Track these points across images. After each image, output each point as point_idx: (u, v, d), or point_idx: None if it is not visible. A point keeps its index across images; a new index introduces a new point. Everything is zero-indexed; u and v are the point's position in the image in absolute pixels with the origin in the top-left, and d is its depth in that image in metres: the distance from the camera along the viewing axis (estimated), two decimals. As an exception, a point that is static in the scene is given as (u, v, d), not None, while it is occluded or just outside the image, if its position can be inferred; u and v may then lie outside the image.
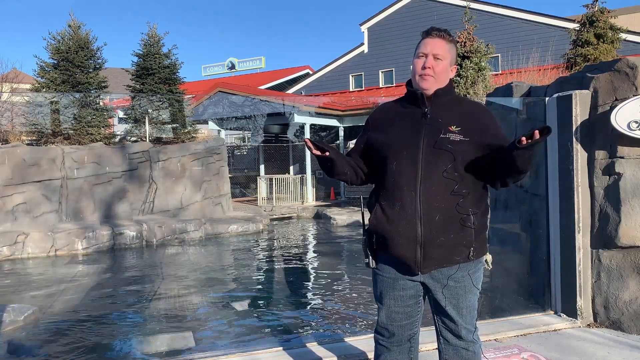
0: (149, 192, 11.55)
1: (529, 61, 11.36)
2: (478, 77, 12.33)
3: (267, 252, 9.95)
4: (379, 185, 2.02)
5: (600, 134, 3.54)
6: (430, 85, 1.96)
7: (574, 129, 3.62)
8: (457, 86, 12.35)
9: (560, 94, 3.76)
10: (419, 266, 1.91)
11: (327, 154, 1.98)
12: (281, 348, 3.26)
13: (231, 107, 17.55)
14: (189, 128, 13.26)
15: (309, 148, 1.96)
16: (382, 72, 22.36)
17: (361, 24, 22.95)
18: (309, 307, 5.76)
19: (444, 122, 1.92)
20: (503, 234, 4.94)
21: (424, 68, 1.95)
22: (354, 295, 6.10)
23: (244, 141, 26.02)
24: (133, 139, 12.84)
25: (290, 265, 8.42)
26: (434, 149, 1.88)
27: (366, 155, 2.09)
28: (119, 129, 15.27)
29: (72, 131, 11.67)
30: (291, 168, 19.82)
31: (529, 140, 1.67)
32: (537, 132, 1.65)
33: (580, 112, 3.61)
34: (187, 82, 14.55)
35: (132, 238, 10.11)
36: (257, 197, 17.62)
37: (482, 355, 2.14)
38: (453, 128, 1.90)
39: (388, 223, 1.92)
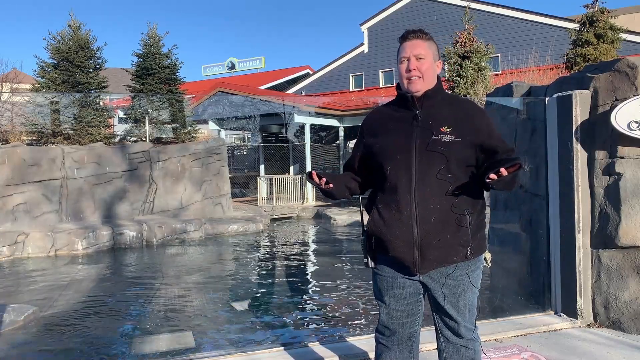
0: (149, 192, 11.55)
1: (529, 61, 11.37)
2: (478, 77, 12.33)
3: (267, 252, 9.95)
4: (376, 189, 2.05)
5: (600, 134, 3.54)
6: (419, 87, 1.96)
7: (574, 129, 3.62)
8: (457, 86, 12.35)
9: (561, 94, 3.77)
10: (417, 267, 1.93)
11: (331, 186, 2.01)
12: (281, 348, 3.25)
13: (231, 107, 17.56)
14: (189, 128, 13.26)
15: (314, 183, 1.97)
16: (382, 72, 22.36)
17: (361, 24, 22.95)
18: (309, 307, 5.76)
19: (435, 124, 1.93)
20: (503, 234, 4.94)
21: (408, 71, 1.96)
22: (354, 295, 6.10)
23: (244, 141, 26.02)
24: (133, 139, 12.84)
25: (291, 265, 8.42)
26: (426, 151, 1.90)
27: (364, 162, 2.10)
28: (119, 129, 15.26)
29: (72, 131, 11.68)
30: (291, 168, 19.80)
31: (496, 176, 1.71)
32: (503, 169, 1.68)
33: (580, 112, 3.61)
34: (187, 82, 14.55)
35: (132, 238, 10.11)
36: (257, 197, 17.60)
37: (483, 354, 2.14)
38: (444, 129, 1.90)
39: (385, 226, 1.94)
